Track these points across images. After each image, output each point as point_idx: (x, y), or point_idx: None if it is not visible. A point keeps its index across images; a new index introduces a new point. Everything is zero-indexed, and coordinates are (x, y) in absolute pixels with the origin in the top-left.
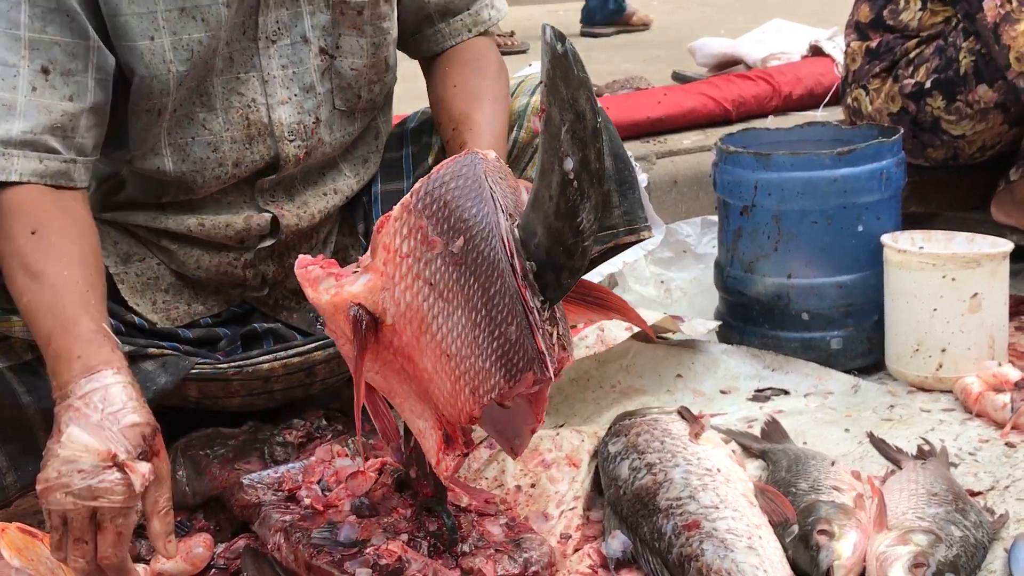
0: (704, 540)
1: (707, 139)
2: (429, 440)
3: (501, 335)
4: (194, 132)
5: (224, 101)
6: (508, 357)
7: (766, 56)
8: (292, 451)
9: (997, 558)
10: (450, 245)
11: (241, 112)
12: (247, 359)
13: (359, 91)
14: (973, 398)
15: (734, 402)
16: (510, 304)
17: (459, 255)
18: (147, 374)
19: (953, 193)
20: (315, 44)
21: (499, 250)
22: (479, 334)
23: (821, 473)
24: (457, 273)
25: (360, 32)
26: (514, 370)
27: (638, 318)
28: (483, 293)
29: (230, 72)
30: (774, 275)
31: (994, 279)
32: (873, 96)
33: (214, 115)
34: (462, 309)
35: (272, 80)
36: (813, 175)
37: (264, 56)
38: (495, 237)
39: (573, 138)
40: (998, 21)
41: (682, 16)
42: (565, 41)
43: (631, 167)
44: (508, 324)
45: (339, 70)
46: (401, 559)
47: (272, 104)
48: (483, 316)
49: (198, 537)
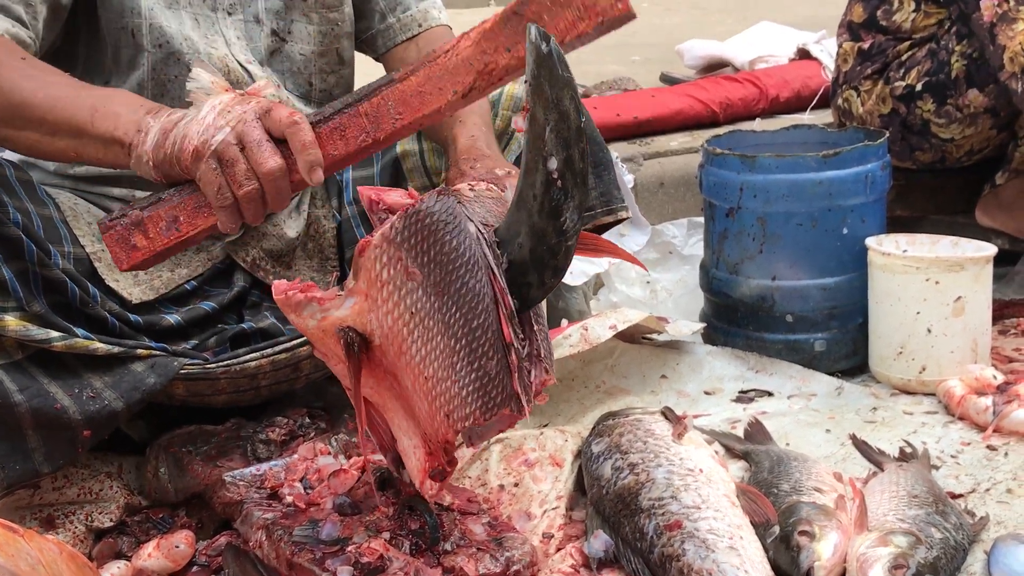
0: (685, 540)
1: (694, 141)
2: (413, 459)
3: (480, 368)
4: (178, 71)
5: (205, 49)
6: (486, 390)
7: (754, 59)
8: (275, 449)
9: (977, 560)
10: (430, 276)
11: (221, 60)
12: (235, 358)
13: (310, 78)
14: (956, 401)
15: (718, 403)
16: (492, 339)
17: (440, 286)
18: (136, 375)
19: (939, 197)
20: (267, 25)
21: (485, 283)
22: (457, 362)
23: (803, 474)
24: (439, 303)
25: (308, 19)
26: (491, 404)
27: (627, 255)
28: (465, 324)
29: (199, 32)
30: (759, 277)
31: (977, 283)
32: (864, 97)
33: (198, 57)
34: (442, 336)
35: (234, 46)
36: (798, 177)
37: (223, 25)
38: (480, 270)
39: (557, 138)
40: (995, 21)
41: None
42: (550, 41)
43: (606, 149)
44: (488, 359)
45: (289, 54)
46: (383, 557)
47: (242, 63)
48: (463, 346)
49: (180, 534)
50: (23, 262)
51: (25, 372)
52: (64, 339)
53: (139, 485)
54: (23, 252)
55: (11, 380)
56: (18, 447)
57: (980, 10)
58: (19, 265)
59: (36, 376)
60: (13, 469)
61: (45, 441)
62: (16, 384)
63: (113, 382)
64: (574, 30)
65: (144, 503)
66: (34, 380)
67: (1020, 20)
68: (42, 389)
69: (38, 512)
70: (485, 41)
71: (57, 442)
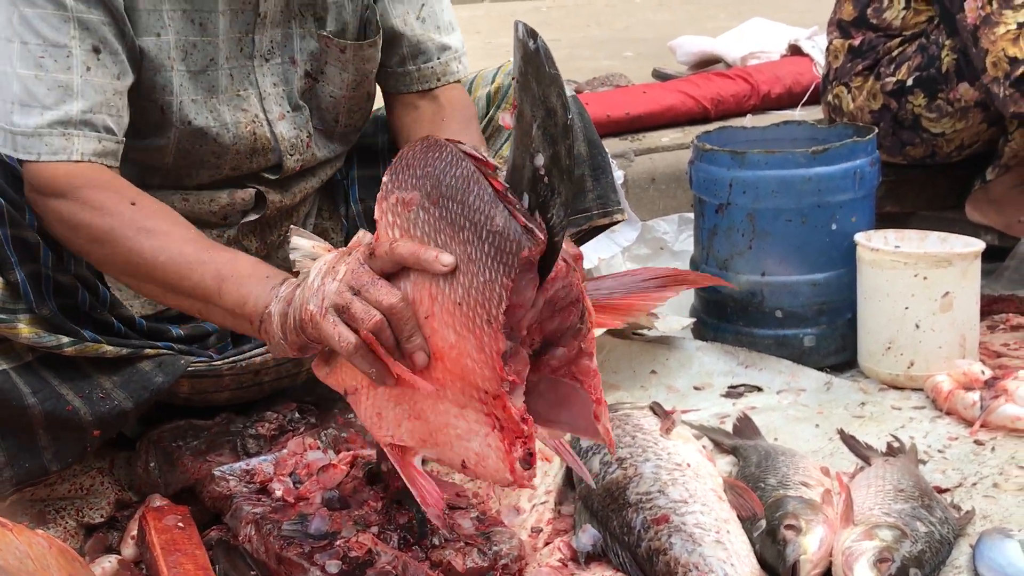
0: (672, 534)
1: (685, 137)
2: (492, 455)
3: (489, 233)
4: (204, 143)
5: (233, 118)
6: (499, 249)
7: (745, 55)
8: (264, 443)
9: (963, 554)
10: (423, 189)
11: (249, 128)
12: (240, 354)
13: (337, 116)
14: (943, 396)
15: (708, 398)
16: (490, 200)
17: (433, 193)
18: (144, 374)
19: (929, 192)
20: (301, 67)
21: (467, 166)
22: (471, 250)
23: (790, 469)
24: (437, 210)
25: (343, 67)
26: (508, 257)
27: (651, 306)
28: (464, 209)
29: (232, 89)
30: (748, 273)
31: (965, 279)
32: (855, 94)
33: (226, 130)
34: (452, 239)
35: (268, 97)
36: (788, 174)
37: (259, 73)
38: (460, 159)
39: (544, 134)
40: (978, 23)
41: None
42: (537, 38)
43: (604, 152)
44: (492, 219)
45: (318, 93)
46: (371, 551)
47: (272, 120)
48: (469, 230)
49: None
50: (37, 265)
51: (36, 374)
52: (75, 343)
53: (130, 480)
54: (39, 255)
55: (24, 383)
56: (28, 446)
57: (964, 11)
58: (33, 268)
59: (47, 378)
60: (22, 467)
61: (55, 440)
62: (29, 387)
63: (122, 382)
64: None
65: (135, 498)
66: (45, 383)
67: (1002, 24)
68: (54, 391)
69: (29, 508)
70: None
71: (67, 441)
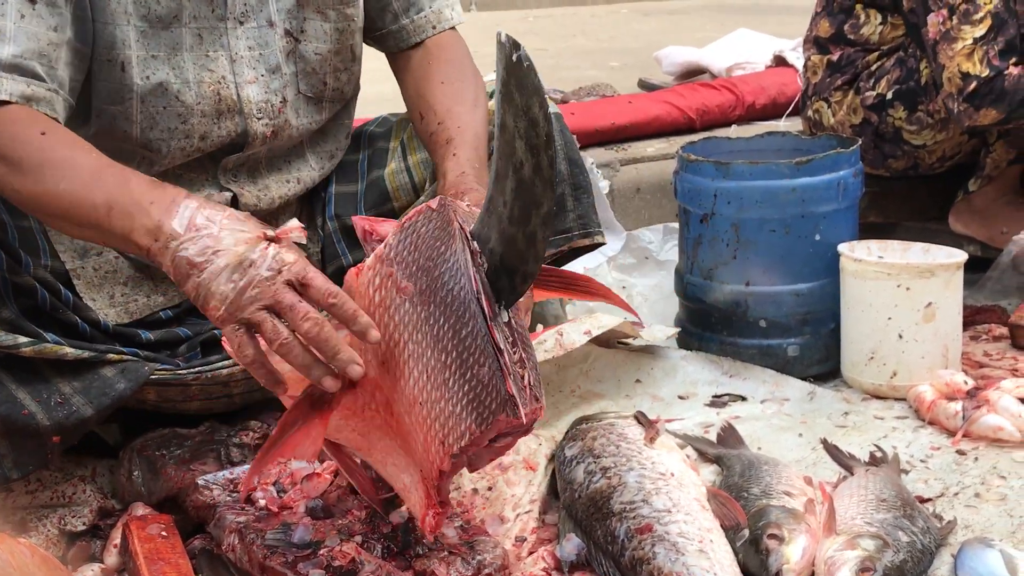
0: (656, 543)
1: (670, 147)
2: (414, 496)
3: (472, 376)
4: (166, 102)
5: (196, 76)
6: (479, 399)
7: (731, 65)
8: (248, 453)
9: (944, 563)
10: (418, 285)
11: (212, 87)
12: (206, 364)
13: (324, 77)
14: (926, 406)
15: (692, 407)
16: (482, 345)
17: (427, 294)
18: (106, 380)
19: (912, 203)
20: (280, 26)
21: (467, 289)
22: (449, 376)
23: (773, 478)
24: (426, 313)
25: (324, 17)
26: (485, 412)
27: (620, 301)
28: (454, 335)
29: (199, 49)
30: (732, 283)
31: (948, 289)
32: (835, 108)
33: (187, 88)
34: (432, 350)
35: (240, 60)
36: (772, 184)
37: (232, 36)
38: (463, 275)
39: (527, 145)
40: (937, 38)
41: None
42: (519, 48)
43: (586, 172)
44: (480, 366)
45: (303, 54)
46: (355, 561)
47: (240, 83)
48: (453, 358)
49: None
50: None
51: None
52: (33, 344)
53: (113, 488)
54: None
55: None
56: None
57: (928, 26)
58: None
59: (3, 382)
60: (24, 464)
61: (14, 447)
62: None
63: (82, 387)
64: None
65: (118, 506)
66: (1, 386)
67: (960, 40)
68: (9, 395)
69: (11, 516)
70: None
71: (26, 448)
